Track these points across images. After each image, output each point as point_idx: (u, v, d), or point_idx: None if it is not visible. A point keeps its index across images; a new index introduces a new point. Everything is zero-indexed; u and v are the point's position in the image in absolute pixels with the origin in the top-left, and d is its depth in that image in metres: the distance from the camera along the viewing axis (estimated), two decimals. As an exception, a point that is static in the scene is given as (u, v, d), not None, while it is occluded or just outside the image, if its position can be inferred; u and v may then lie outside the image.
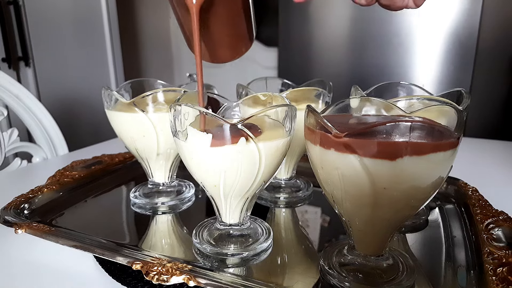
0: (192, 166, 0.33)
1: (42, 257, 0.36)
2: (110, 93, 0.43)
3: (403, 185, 0.26)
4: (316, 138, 0.28)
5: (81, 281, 0.33)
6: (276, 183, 0.51)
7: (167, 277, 0.29)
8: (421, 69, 1.42)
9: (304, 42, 1.61)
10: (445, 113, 0.29)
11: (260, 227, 0.38)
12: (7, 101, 0.73)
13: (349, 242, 0.33)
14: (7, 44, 1.40)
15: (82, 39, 1.71)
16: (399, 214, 0.29)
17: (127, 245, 0.37)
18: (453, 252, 0.36)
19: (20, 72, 1.48)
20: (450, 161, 0.27)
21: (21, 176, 0.64)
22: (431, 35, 1.37)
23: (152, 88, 0.50)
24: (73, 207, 0.47)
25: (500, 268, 0.30)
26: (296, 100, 0.46)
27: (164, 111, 0.43)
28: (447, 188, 0.49)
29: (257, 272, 0.33)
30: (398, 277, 0.30)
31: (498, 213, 0.39)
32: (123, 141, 0.46)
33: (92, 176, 0.55)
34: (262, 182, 0.34)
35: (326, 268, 0.31)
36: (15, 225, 0.37)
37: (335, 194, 0.29)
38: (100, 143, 0.85)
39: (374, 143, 0.25)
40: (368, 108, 0.32)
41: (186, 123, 0.32)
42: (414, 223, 0.42)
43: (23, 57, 1.47)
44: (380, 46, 1.46)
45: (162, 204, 0.46)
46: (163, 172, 0.48)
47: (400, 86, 0.43)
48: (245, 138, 0.30)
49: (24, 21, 1.45)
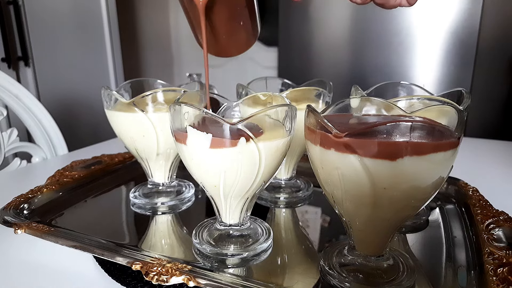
0: (192, 166, 0.33)
1: (41, 257, 0.36)
2: (110, 93, 0.43)
3: (403, 185, 0.26)
4: (316, 138, 0.28)
5: (81, 281, 0.32)
6: (276, 183, 0.51)
7: (167, 277, 0.29)
8: (421, 69, 1.42)
9: (304, 42, 1.61)
10: (446, 113, 0.29)
11: (260, 227, 0.38)
12: (6, 101, 0.73)
13: (349, 243, 0.33)
14: (7, 44, 1.40)
15: (82, 39, 1.71)
16: (399, 214, 0.29)
17: (126, 246, 0.36)
18: (453, 252, 0.36)
19: (20, 72, 1.48)
20: (450, 161, 0.27)
21: (21, 176, 0.64)
22: (431, 35, 1.37)
23: (152, 88, 0.50)
24: (73, 207, 0.47)
25: (501, 268, 0.30)
26: (296, 100, 0.46)
27: (164, 111, 0.43)
28: (448, 188, 0.49)
29: (257, 273, 0.33)
30: (398, 278, 0.30)
31: (498, 213, 0.39)
32: (123, 141, 0.46)
33: (92, 176, 0.55)
34: (262, 182, 0.34)
35: (326, 269, 0.31)
36: (14, 225, 0.37)
37: (335, 194, 0.29)
38: (99, 143, 0.84)
39: (374, 143, 0.25)
40: (368, 108, 0.32)
41: (185, 123, 0.32)
42: (415, 223, 0.42)
43: (22, 57, 1.47)
44: (380, 46, 1.46)
45: (162, 204, 0.46)
46: (163, 172, 0.48)
47: (401, 86, 0.43)
48: (245, 138, 0.30)
49: (24, 21, 1.45)
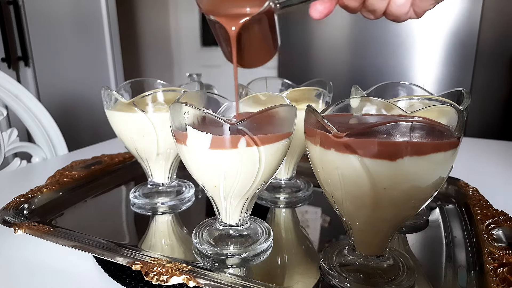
0: (192, 166, 0.33)
1: (41, 257, 0.36)
2: (110, 93, 0.43)
3: (403, 185, 0.26)
4: (316, 138, 0.28)
5: (81, 281, 0.32)
6: (276, 183, 0.51)
7: (167, 277, 0.29)
8: (421, 69, 1.42)
9: (304, 42, 1.61)
10: (446, 113, 0.29)
11: (260, 227, 0.38)
12: (6, 101, 0.73)
13: (350, 243, 0.33)
14: (7, 44, 1.40)
15: (82, 39, 1.71)
16: (399, 214, 0.29)
17: (126, 246, 0.36)
18: (453, 252, 0.36)
19: (20, 72, 1.48)
20: (450, 161, 0.27)
21: (21, 176, 0.64)
22: (431, 35, 1.37)
23: (152, 88, 0.49)
24: (73, 207, 0.47)
25: (501, 268, 0.30)
26: (296, 100, 0.46)
27: (164, 111, 0.43)
28: (448, 188, 0.49)
29: (257, 273, 0.33)
30: (398, 278, 0.30)
31: (498, 213, 0.39)
32: (123, 141, 0.46)
33: (92, 176, 0.55)
34: (262, 182, 0.34)
35: (326, 269, 0.31)
36: (14, 225, 0.37)
37: (335, 194, 0.29)
38: (99, 143, 0.84)
39: (374, 143, 0.25)
40: (369, 108, 0.32)
41: (185, 123, 0.32)
42: (415, 223, 0.42)
43: (22, 57, 1.47)
44: (380, 46, 1.46)
45: (162, 204, 0.46)
46: (162, 172, 0.48)
47: (401, 86, 0.43)
48: (245, 138, 0.30)
49: (24, 21, 1.45)
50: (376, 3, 0.33)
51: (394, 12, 0.33)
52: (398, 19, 0.35)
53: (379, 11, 0.34)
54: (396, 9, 0.33)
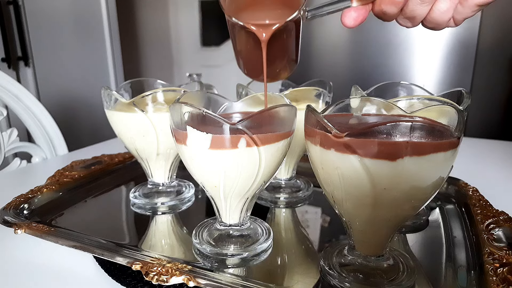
0: (192, 166, 0.33)
1: (41, 257, 0.36)
2: (110, 93, 0.43)
3: (403, 185, 0.26)
4: (316, 138, 0.28)
5: (81, 281, 0.32)
6: (276, 183, 0.51)
7: (167, 277, 0.29)
8: (421, 69, 1.42)
9: (304, 42, 1.61)
10: (446, 113, 0.29)
11: (260, 227, 0.38)
12: (6, 101, 0.73)
13: (350, 243, 0.33)
14: (7, 44, 1.40)
15: (82, 39, 1.71)
16: (399, 214, 0.29)
17: (126, 246, 0.36)
18: (453, 252, 0.36)
19: (20, 72, 1.48)
20: (450, 161, 0.27)
21: (21, 176, 0.64)
22: (431, 35, 1.37)
23: (152, 88, 0.50)
24: (73, 207, 0.47)
25: (501, 268, 0.30)
26: (296, 100, 0.46)
27: (164, 111, 0.43)
28: (448, 188, 0.49)
29: (257, 273, 0.33)
30: (398, 278, 0.30)
31: (498, 213, 0.39)
32: (123, 141, 0.46)
33: (92, 176, 0.55)
34: (262, 182, 0.34)
35: (326, 269, 0.31)
36: (14, 225, 0.37)
37: (335, 194, 0.29)
38: (99, 143, 0.85)
39: (374, 143, 0.25)
40: (369, 108, 0.32)
41: (185, 123, 0.32)
42: (415, 223, 0.42)
43: (22, 57, 1.47)
44: (380, 46, 1.46)
45: (162, 204, 0.46)
46: (162, 172, 0.48)
47: (401, 86, 0.43)
48: (245, 138, 0.30)
49: (23, 21, 1.45)
50: (417, 9, 0.30)
51: (436, 19, 0.31)
52: (438, 27, 0.32)
53: (418, 18, 0.31)
54: (439, 16, 0.31)
